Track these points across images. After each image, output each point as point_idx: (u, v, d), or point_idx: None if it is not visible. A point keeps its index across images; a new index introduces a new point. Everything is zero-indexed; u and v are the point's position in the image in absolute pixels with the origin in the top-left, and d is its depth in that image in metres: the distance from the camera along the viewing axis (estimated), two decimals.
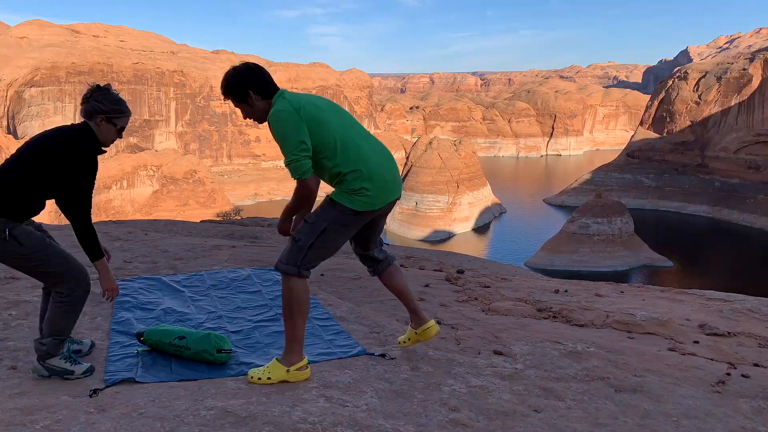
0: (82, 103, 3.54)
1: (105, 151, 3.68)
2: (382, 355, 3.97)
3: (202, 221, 19.49)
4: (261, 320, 4.71)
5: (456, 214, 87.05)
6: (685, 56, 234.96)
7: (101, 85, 3.57)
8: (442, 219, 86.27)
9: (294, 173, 3.33)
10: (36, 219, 3.73)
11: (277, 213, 7.82)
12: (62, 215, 3.52)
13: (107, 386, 3.37)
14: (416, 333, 3.98)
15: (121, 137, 3.69)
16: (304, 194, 3.40)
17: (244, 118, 3.66)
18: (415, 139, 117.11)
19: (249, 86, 3.42)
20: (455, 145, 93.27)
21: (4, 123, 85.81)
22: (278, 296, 5.31)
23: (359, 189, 3.41)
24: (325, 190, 3.66)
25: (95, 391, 3.27)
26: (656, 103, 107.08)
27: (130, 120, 3.93)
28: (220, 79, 3.58)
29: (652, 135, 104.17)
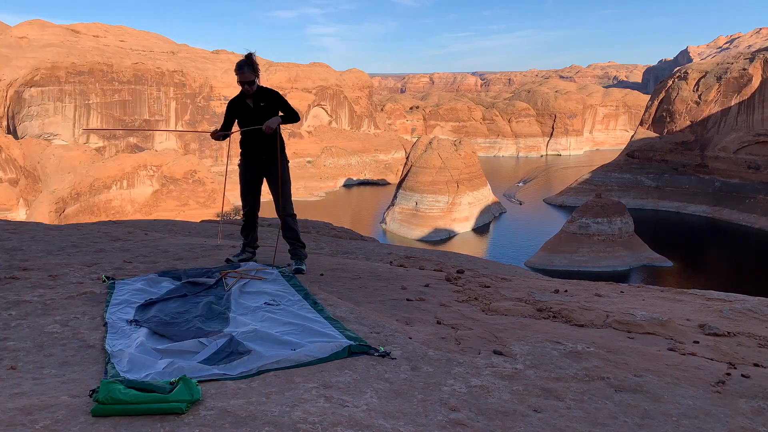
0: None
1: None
2: (379, 350, 3.97)
3: (202, 221, 19.48)
4: (264, 319, 4.71)
5: (456, 214, 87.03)
6: (685, 56, 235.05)
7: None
8: (442, 219, 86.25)
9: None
10: (36, 219, 3.73)
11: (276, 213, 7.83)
12: (61, 215, 3.54)
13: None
14: None
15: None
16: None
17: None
18: (415, 139, 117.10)
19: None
20: (455, 145, 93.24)
21: (4, 123, 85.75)
22: (278, 294, 5.34)
23: None
24: None
25: (95, 391, 3.27)
26: (656, 103, 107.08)
27: (131, 120, 4.05)
28: (220, 79, 3.65)
29: (652, 135, 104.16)
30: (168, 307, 4.97)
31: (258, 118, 6.49)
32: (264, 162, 6.66)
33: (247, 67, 6.36)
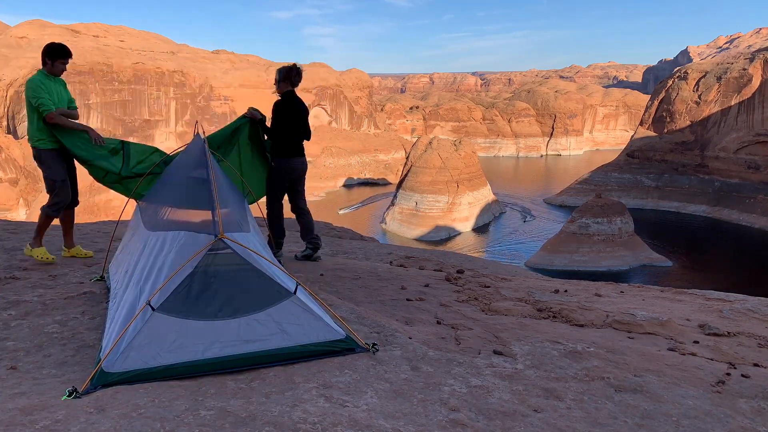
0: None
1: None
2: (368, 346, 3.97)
3: None
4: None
5: (456, 214, 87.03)
6: (685, 56, 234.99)
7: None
8: (442, 219, 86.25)
9: None
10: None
11: None
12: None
13: (108, 384, 3.36)
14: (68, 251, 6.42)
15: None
16: None
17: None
18: (415, 139, 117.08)
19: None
20: (455, 145, 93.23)
21: (4, 123, 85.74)
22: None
23: None
24: None
25: (96, 386, 3.29)
26: (656, 103, 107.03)
27: (131, 120, 4.25)
28: (220, 79, 3.71)
29: (652, 135, 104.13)
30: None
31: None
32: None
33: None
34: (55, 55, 6.17)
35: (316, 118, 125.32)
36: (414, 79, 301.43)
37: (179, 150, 6.05)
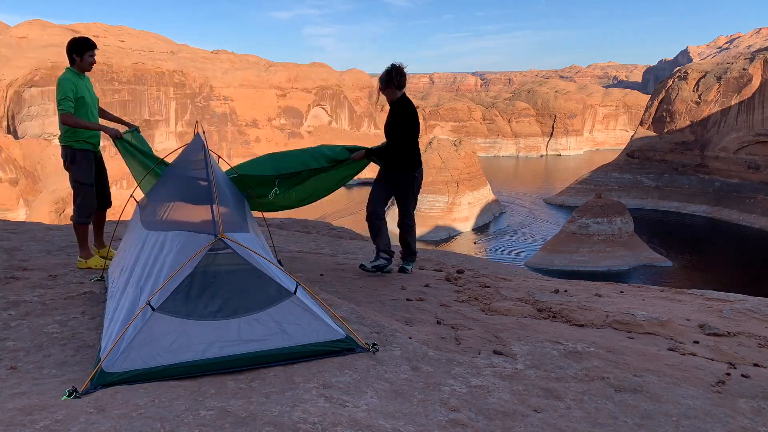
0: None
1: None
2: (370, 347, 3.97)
3: None
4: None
5: (456, 214, 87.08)
6: (685, 56, 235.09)
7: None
8: (442, 219, 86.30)
9: None
10: (36, 219, 3.74)
11: (276, 213, 7.84)
12: (61, 215, 3.56)
13: (108, 384, 3.37)
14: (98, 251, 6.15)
15: None
16: None
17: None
18: None
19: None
20: (455, 145, 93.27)
21: (4, 123, 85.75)
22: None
23: None
24: None
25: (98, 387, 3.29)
26: (656, 103, 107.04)
27: (131, 120, 4.21)
28: (220, 79, 3.70)
29: (652, 135, 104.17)
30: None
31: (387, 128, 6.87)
32: (389, 174, 7.00)
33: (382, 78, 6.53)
34: (83, 48, 6.01)
35: (316, 118, 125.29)
36: (414, 79, 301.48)
37: (179, 150, 6.06)
